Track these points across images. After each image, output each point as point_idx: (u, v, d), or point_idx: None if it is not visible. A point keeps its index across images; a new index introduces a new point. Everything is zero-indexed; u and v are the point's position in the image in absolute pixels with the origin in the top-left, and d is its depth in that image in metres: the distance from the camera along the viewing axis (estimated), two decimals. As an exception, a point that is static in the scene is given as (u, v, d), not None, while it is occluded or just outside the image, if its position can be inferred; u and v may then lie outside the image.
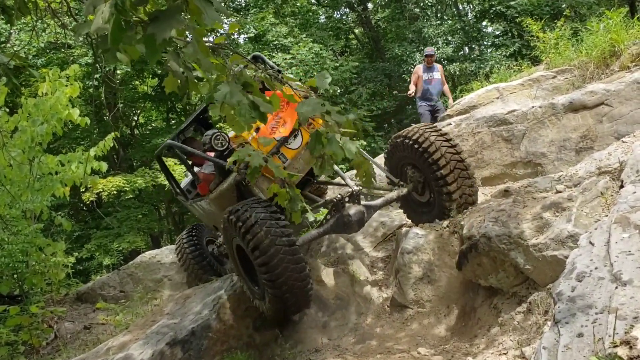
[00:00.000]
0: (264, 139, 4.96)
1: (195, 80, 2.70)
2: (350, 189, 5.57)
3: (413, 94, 10.11)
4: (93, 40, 5.06)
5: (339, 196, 5.55)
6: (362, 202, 5.63)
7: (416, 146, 5.58)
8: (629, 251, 3.06)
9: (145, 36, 2.21)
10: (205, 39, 2.55)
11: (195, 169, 6.51)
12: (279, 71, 5.29)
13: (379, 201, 5.74)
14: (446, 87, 10.30)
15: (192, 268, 7.20)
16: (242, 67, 3.00)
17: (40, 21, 4.86)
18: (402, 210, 6.42)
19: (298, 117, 2.73)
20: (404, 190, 5.85)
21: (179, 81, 2.61)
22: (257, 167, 3.23)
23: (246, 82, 2.55)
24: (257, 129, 5.52)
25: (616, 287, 2.87)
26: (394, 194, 5.85)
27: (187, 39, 2.51)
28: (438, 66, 10.27)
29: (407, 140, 5.69)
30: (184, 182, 7.49)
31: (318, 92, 2.98)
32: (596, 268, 3.11)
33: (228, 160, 3.58)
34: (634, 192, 3.66)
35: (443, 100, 10.76)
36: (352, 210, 5.40)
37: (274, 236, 4.60)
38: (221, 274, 6.92)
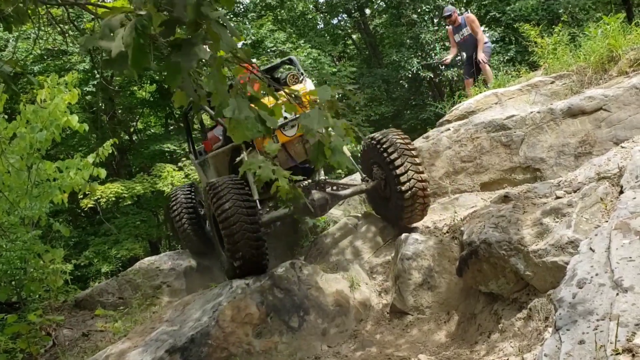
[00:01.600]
0: (271, 145, 5.33)
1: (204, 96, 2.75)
2: (318, 178, 6.44)
3: (449, 61, 10.02)
4: (98, 55, 5.07)
5: (306, 182, 6.25)
6: (328, 191, 6.33)
7: (379, 146, 6.21)
8: (630, 257, 3.06)
9: (169, 63, 2.24)
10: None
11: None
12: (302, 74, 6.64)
13: (342, 192, 6.50)
14: (479, 36, 9.58)
15: (183, 223, 7.65)
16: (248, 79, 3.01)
17: (39, 29, 4.86)
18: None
19: (302, 129, 2.74)
20: (367, 185, 6.48)
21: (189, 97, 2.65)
22: (265, 178, 3.25)
23: (252, 96, 2.57)
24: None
25: (617, 294, 2.86)
26: (357, 188, 6.61)
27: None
28: (466, 19, 9.74)
29: (373, 142, 6.33)
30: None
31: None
32: (597, 274, 3.11)
33: (240, 169, 3.91)
34: (634, 198, 3.66)
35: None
36: (317, 196, 6.11)
37: (239, 214, 5.40)
38: (207, 240, 7.53)
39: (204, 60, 2.54)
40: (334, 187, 6.60)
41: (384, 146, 6.14)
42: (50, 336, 6.93)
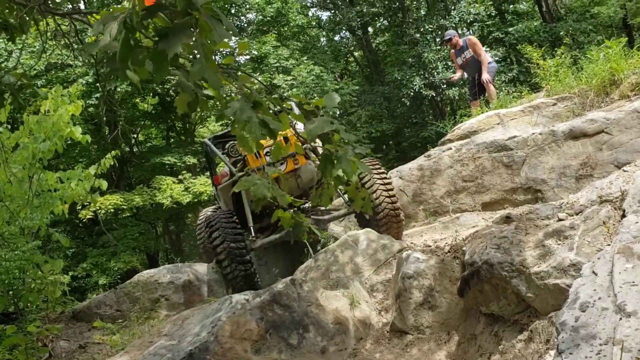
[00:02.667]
0: (270, 167, 5.61)
1: (205, 98, 2.72)
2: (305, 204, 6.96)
3: (456, 78, 10.07)
4: (97, 59, 5.09)
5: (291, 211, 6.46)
6: (313, 217, 6.96)
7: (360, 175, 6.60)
8: (633, 282, 3.06)
9: (155, 52, 2.22)
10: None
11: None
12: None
13: (327, 217, 7.25)
14: (482, 58, 9.65)
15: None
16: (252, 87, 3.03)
17: (45, 42, 4.89)
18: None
19: (307, 135, 2.74)
20: (348, 209, 7.18)
21: (192, 102, 2.63)
22: (261, 198, 3.25)
23: (256, 101, 2.57)
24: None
25: (620, 318, 2.86)
26: (340, 212, 7.31)
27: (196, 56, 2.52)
28: (468, 41, 9.81)
29: None
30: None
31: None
32: (600, 298, 3.10)
33: (236, 186, 4.17)
34: (637, 222, 3.67)
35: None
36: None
37: (227, 241, 6.37)
38: None
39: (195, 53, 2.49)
40: (319, 213, 7.31)
41: (360, 176, 6.60)
42: (47, 347, 6.88)
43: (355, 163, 2.85)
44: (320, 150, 7.30)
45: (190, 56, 2.60)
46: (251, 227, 6.94)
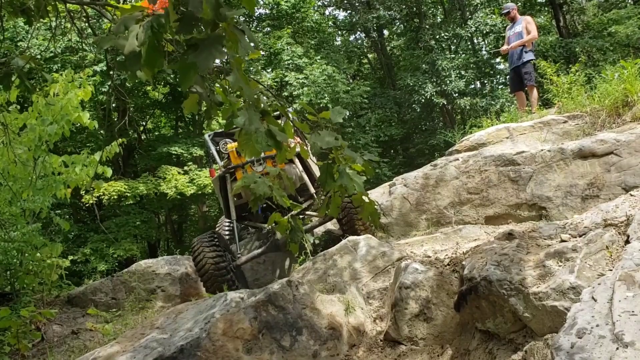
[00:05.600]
0: (271, 168, 5.78)
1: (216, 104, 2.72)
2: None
3: (505, 50, 9.71)
4: (113, 56, 5.07)
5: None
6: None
7: None
8: (632, 311, 3.01)
9: (183, 63, 2.20)
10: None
11: None
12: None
13: (306, 227, 7.57)
14: (526, 38, 9.27)
15: None
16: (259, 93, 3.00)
17: (58, 26, 4.87)
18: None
19: (311, 148, 2.72)
20: (327, 218, 7.56)
21: (200, 103, 2.61)
22: (260, 196, 3.22)
23: (263, 110, 2.54)
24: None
25: (617, 348, 2.81)
26: (317, 222, 7.81)
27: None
28: (523, 18, 9.49)
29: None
30: None
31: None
32: (597, 325, 3.05)
33: (235, 185, 4.44)
34: (641, 250, 3.61)
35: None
36: (278, 234, 7.21)
37: (206, 259, 6.95)
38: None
39: (219, 61, 2.51)
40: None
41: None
42: (40, 331, 6.88)
43: (353, 179, 2.83)
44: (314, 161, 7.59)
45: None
46: (237, 246, 7.58)
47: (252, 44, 2.47)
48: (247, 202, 7.63)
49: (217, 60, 2.42)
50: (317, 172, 7.32)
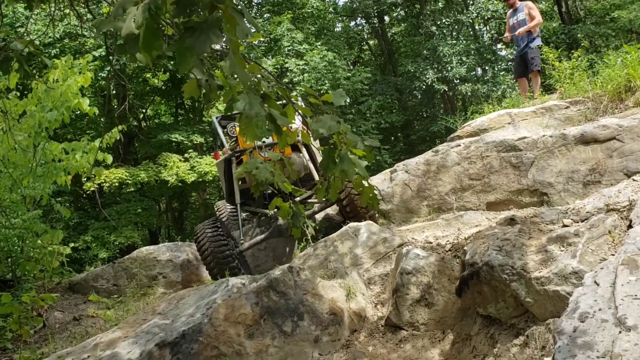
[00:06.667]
0: (274, 153, 5.78)
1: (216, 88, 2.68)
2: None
3: (509, 39, 9.71)
4: (110, 37, 5.02)
5: (272, 211, 7.59)
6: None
7: None
8: (635, 295, 3.00)
9: (181, 46, 2.17)
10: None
11: None
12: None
13: (308, 212, 7.49)
14: (531, 24, 9.25)
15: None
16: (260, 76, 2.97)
17: (57, 10, 4.82)
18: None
19: (312, 133, 2.69)
20: (327, 204, 7.67)
21: (199, 88, 2.58)
22: (262, 181, 3.20)
23: (264, 93, 2.51)
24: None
25: (620, 332, 2.81)
26: (317, 207, 7.86)
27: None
28: (524, 4, 9.45)
29: None
30: None
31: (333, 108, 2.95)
32: (600, 309, 3.05)
33: (238, 170, 4.54)
34: (643, 234, 3.60)
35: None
36: (281, 220, 7.29)
37: (211, 246, 6.98)
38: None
39: (219, 46, 2.48)
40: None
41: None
42: (42, 317, 6.89)
43: (354, 164, 2.81)
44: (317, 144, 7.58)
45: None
46: (240, 232, 7.61)
47: (252, 28, 2.44)
48: (249, 187, 7.69)
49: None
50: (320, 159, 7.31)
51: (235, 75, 2.48)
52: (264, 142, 7.29)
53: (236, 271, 6.94)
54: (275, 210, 7.18)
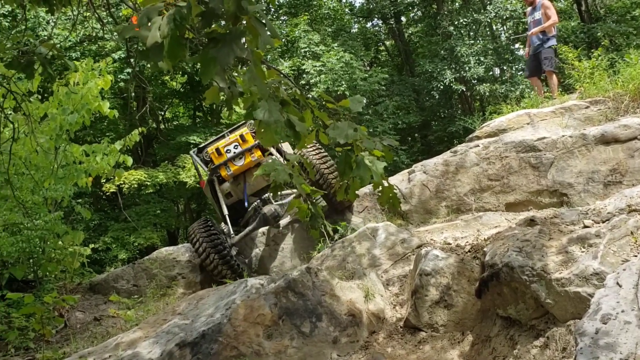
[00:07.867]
0: (291, 155, 6.05)
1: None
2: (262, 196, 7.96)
3: (528, 55, 9.48)
4: (134, 45, 5.09)
5: (254, 203, 7.94)
6: (278, 202, 7.78)
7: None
8: (659, 297, 2.97)
9: (204, 56, 2.21)
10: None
11: None
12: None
13: (288, 199, 7.82)
14: (546, 24, 9.03)
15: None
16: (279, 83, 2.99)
17: (79, 14, 4.88)
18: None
19: (328, 139, 2.72)
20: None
21: (221, 94, 2.61)
22: (280, 184, 3.23)
23: (283, 100, 2.53)
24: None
25: (643, 334, 2.78)
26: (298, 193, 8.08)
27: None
28: (541, 3, 9.22)
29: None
30: None
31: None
32: (623, 311, 3.02)
33: (255, 173, 4.69)
34: (666, 235, 3.56)
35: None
36: (266, 209, 7.61)
37: (204, 244, 7.33)
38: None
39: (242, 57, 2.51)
40: (280, 199, 7.92)
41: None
42: (63, 317, 6.98)
43: (370, 170, 2.82)
44: (288, 150, 7.95)
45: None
46: (229, 226, 7.93)
47: (271, 36, 2.47)
48: (238, 200, 8.25)
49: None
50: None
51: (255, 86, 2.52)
52: (234, 152, 7.84)
53: (233, 263, 7.33)
54: (258, 201, 7.91)
